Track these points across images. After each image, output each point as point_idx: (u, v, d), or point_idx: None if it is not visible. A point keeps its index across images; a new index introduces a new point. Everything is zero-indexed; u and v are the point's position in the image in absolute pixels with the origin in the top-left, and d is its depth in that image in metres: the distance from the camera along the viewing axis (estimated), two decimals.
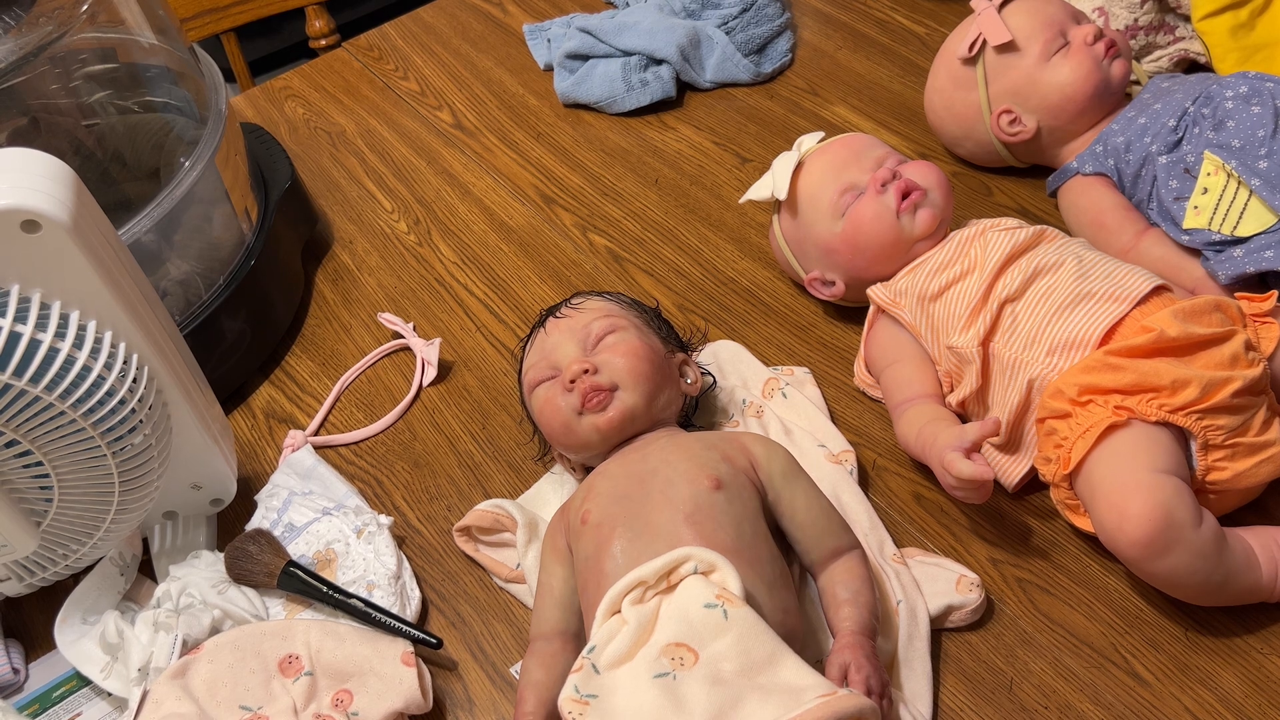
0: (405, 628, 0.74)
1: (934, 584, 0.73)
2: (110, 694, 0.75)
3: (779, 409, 0.85)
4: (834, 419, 0.85)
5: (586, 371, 0.75)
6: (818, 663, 0.67)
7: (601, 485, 0.72)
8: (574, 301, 0.83)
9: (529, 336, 0.84)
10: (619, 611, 0.63)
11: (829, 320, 0.95)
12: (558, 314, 0.82)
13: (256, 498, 0.85)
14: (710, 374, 0.87)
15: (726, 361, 0.90)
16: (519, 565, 0.78)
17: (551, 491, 0.85)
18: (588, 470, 0.79)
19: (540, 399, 0.78)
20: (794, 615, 0.67)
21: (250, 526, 0.82)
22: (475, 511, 0.81)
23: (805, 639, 0.69)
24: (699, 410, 0.86)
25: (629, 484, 0.71)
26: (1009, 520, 0.78)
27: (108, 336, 0.67)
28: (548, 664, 0.69)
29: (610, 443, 0.76)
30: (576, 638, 0.71)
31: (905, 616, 0.71)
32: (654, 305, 0.87)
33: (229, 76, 1.43)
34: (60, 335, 0.64)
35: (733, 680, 0.58)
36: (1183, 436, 0.71)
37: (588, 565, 0.69)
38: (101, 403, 0.66)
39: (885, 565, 0.74)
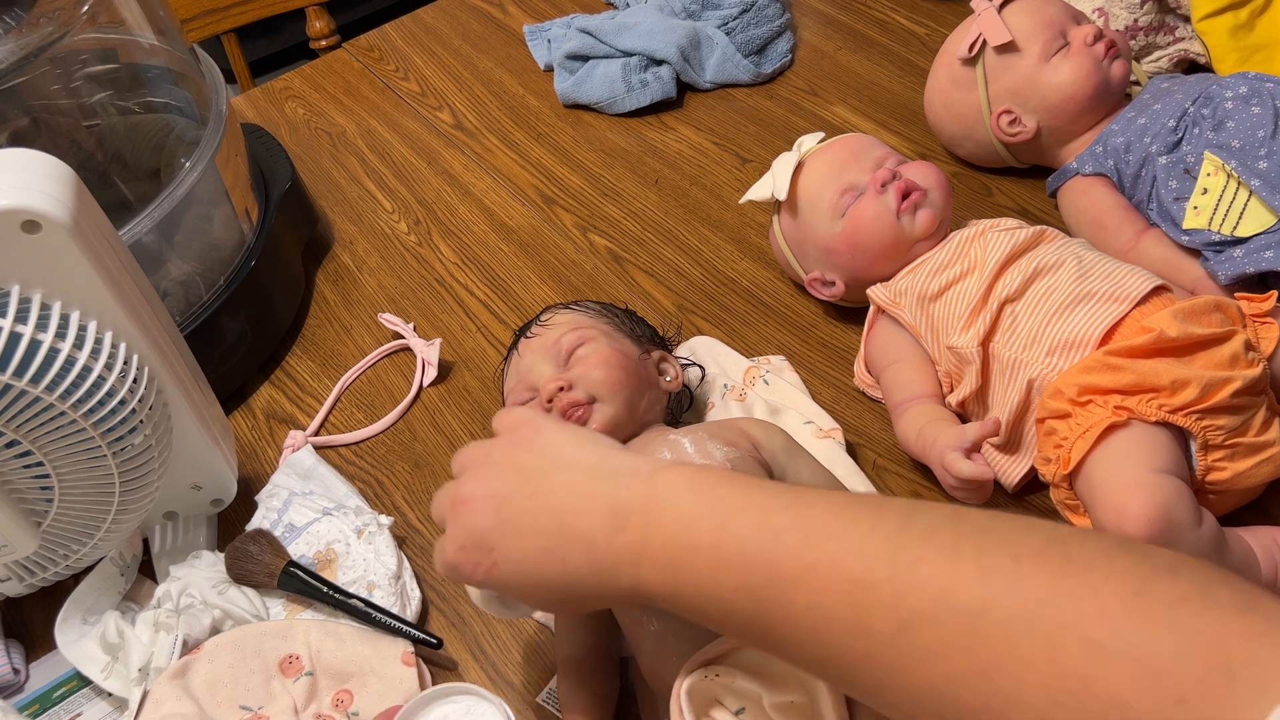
0: (405, 628, 0.74)
1: None
2: (110, 694, 0.75)
3: (762, 393, 0.86)
4: (834, 419, 0.86)
5: (562, 389, 0.75)
6: None
7: None
8: (542, 319, 0.82)
9: (505, 360, 0.84)
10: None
11: (829, 320, 0.95)
12: (528, 334, 0.82)
13: (257, 498, 0.86)
14: (700, 365, 0.88)
15: (704, 355, 0.91)
16: None
17: None
18: None
19: None
20: None
21: (250, 527, 0.82)
22: None
23: None
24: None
25: None
26: None
27: (108, 337, 0.67)
28: (589, 684, 0.69)
29: None
30: (608, 653, 0.70)
31: None
32: (623, 306, 0.87)
33: (229, 77, 1.43)
34: (61, 336, 0.64)
35: None
36: (1182, 437, 0.71)
37: None
38: (102, 403, 0.66)
39: None
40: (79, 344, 0.65)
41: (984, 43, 0.96)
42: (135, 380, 0.69)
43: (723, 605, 0.49)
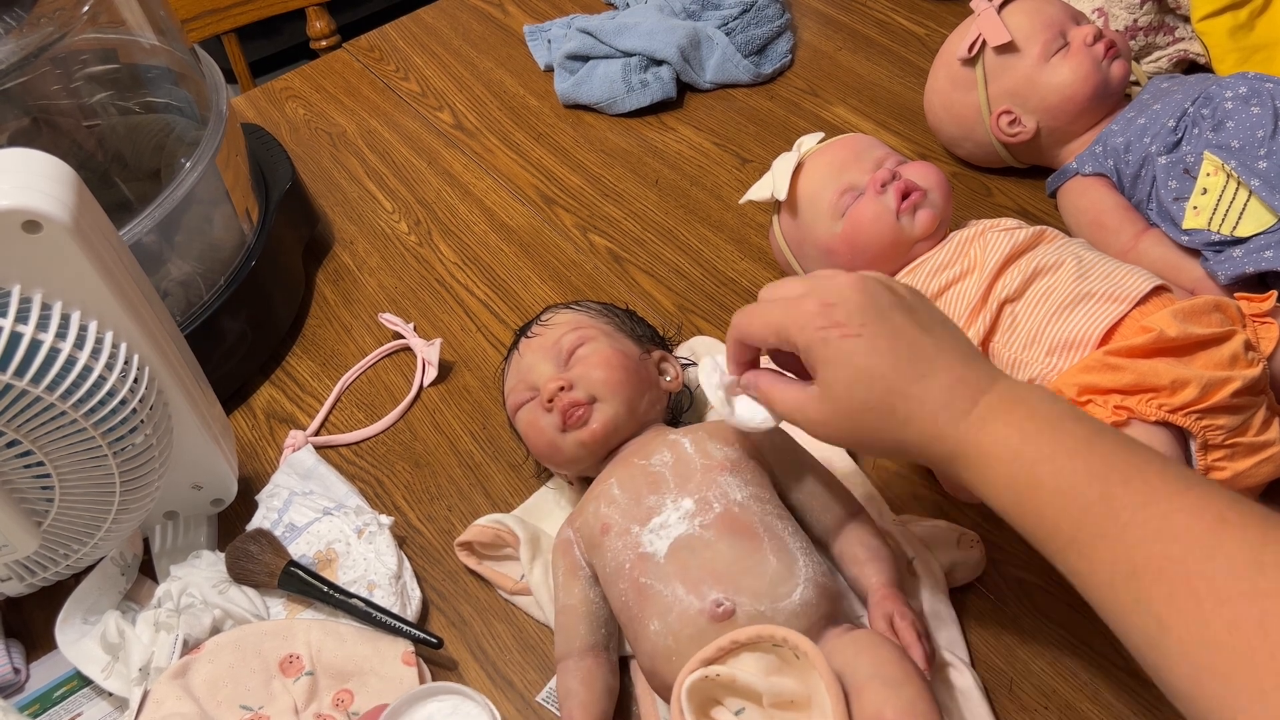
0: (406, 627, 0.74)
1: (937, 541, 0.75)
2: (111, 694, 0.75)
3: None
4: None
5: (563, 389, 0.75)
6: (859, 618, 0.69)
7: (614, 493, 0.72)
8: (543, 318, 0.83)
9: (506, 359, 0.84)
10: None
11: None
12: (528, 334, 0.82)
13: (257, 498, 0.86)
14: (696, 364, 0.88)
15: (704, 354, 0.90)
16: (523, 577, 0.78)
17: (551, 503, 0.84)
18: (586, 481, 0.79)
19: (524, 421, 0.78)
20: (833, 575, 0.69)
21: (251, 526, 0.82)
22: (475, 527, 0.80)
23: (839, 600, 0.69)
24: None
25: (645, 485, 0.71)
26: None
27: (109, 337, 0.67)
28: (587, 681, 0.69)
29: (598, 455, 0.76)
30: (607, 650, 0.70)
31: (921, 571, 0.73)
32: (623, 306, 0.87)
33: (230, 77, 1.43)
34: (61, 336, 0.64)
35: None
36: (1182, 436, 0.71)
37: (623, 572, 0.68)
38: (103, 403, 0.66)
39: (890, 528, 0.75)
40: (79, 344, 0.65)
41: (984, 43, 0.96)
42: (136, 380, 0.69)
43: (1067, 478, 0.52)
